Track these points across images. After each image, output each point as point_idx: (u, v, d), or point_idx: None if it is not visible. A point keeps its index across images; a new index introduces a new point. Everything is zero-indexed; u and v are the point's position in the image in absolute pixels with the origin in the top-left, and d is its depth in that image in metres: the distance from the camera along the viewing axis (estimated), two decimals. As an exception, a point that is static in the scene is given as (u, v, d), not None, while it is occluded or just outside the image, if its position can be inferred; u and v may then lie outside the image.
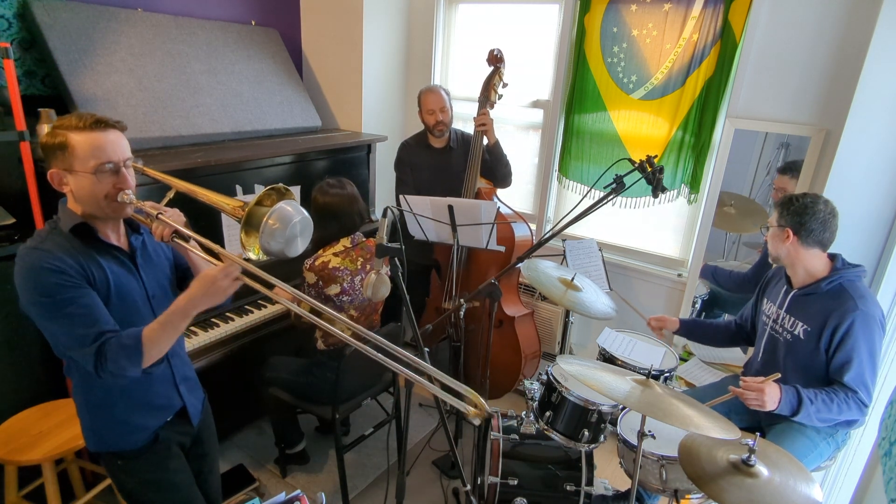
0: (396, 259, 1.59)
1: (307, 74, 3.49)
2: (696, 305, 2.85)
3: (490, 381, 2.42)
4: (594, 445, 1.98)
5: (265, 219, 1.22)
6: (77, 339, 1.26)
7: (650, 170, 1.78)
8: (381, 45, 3.35)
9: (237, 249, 2.41)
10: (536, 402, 2.09)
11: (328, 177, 2.35)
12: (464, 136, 3.00)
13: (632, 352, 2.29)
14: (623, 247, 3.10)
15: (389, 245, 1.56)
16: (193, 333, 2.29)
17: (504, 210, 2.87)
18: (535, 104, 3.21)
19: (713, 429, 1.41)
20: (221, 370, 2.36)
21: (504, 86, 2.82)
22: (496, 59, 2.77)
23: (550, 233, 1.93)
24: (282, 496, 1.38)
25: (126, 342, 1.27)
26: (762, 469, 1.49)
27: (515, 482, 2.02)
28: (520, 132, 3.38)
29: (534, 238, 2.98)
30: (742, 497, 1.43)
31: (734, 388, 1.80)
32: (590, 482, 2.01)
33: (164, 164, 2.16)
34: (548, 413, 2.00)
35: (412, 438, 2.89)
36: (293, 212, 1.26)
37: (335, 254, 2.22)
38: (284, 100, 3.01)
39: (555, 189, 3.26)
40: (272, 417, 2.55)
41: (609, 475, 2.61)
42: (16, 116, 1.89)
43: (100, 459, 1.51)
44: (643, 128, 2.83)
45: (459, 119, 3.31)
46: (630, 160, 1.87)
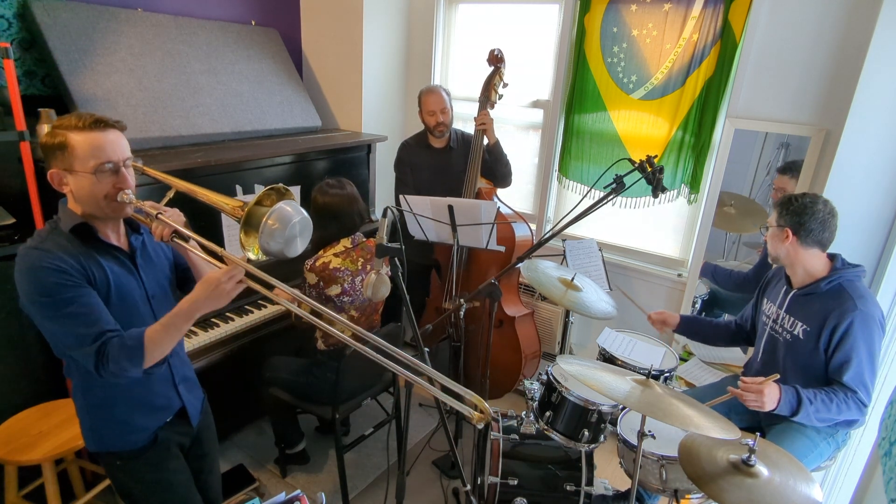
0: (396, 259, 1.59)
1: (307, 74, 3.49)
2: (696, 305, 2.85)
3: (490, 381, 2.42)
4: (594, 445, 1.98)
5: (264, 219, 1.22)
6: (78, 339, 1.26)
7: (650, 170, 1.78)
8: (381, 45, 3.35)
9: (237, 249, 2.41)
10: (536, 402, 2.10)
11: (328, 177, 2.36)
12: (464, 136, 3.00)
13: (632, 352, 2.29)
14: (623, 247, 3.10)
15: (389, 245, 1.57)
16: (193, 333, 2.29)
17: (504, 210, 2.87)
18: (535, 104, 3.21)
19: (713, 429, 1.41)
20: (221, 370, 2.36)
21: (504, 86, 2.82)
22: (496, 59, 2.77)
23: (550, 233, 1.93)
24: (282, 496, 1.38)
25: (128, 342, 1.28)
26: (762, 469, 1.49)
27: (515, 482, 2.03)
28: (520, 132, 3.38)
29: (534, 238, 2.98)
30: (742, 497, 1.43)
31: (732, 389, 1.80)
32: (590, 482, 2.01)
33: (164, 164, 2.16)
34: (548, 413, 2.01)
35: (412, 438, 2.89)
36: (293, 212, 1.26)
37: (336, 254, 2.22)
38: (284, 100, 3.01)
39: (555, 189, 3.26)
40: (272, 417, 2.55)
41: (609, 475, 2.61)
42: (16, 116, 1.89)
43: (99, 460, 1.51)
44: (643, 128, 2.83)
45: (459, 119, 3.31)
46: (630, 160, 1.87)
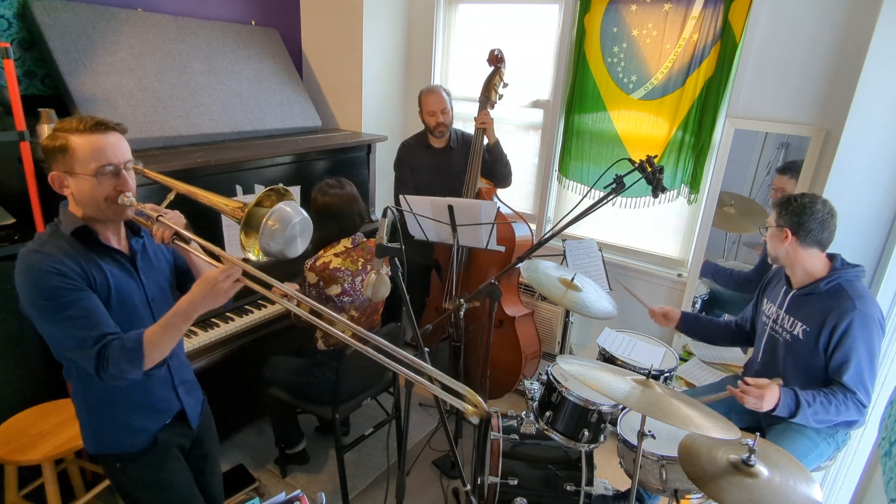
0: (396, 259, 1.59)
1: (307, 74, 3.49)
2: (696, 305, 2.85)
3: (490, 381, 2.42)
4: (594, 445, 1.98)
5: (265, 220, 1.22)
6: (78, 342, 1.26)
7: (650, 170, 1.78)
8: (381, 45, 3.35)
9: (237, 250, 2.41)
10: (536, 402, 2.10)
11: (328, 177, 2.35)
12: (464, 136, 3.00)
13: (632, 352, 2.29)
14: (623, 247, 3.10)
15: (389, 245, 1.56)
16: (193, 333, 2.29)
17: (504, 210, 2.87)
18: (535, 104, 3.21)
19: (713, 429, 1.41)
20: (221, 370, 2.36)
21: (504, 86, 2.82)
22: (496, 59, 2.77)
23: (550, 233, 1.93)
24: (282, 496, 1.39)
25: (127, 345, 1.27)
26: (762, 469, 1.50)
27: (515, 482, 2.03)
28: (520, 132, 3.38)
29: (534, 238, 2.98)
30: (742, 497, 1.43)
31: (732, 389, 1.80)
32: (590, 482, 2.01)
33: (164, 165, 2.16)
34: (548, 413, 2.01)
35: (412, 438, 2.89)
36: (293, 213, 1.26)
37: (336, 254, 2.22)
38: (284, 100, 3.01)
39: (555, 189, 3.26)
40: (272, 417, 2.55)
41: (609, 475, 2.61)
42: (16, 116, 1.89)
43: (99, 462, 1.51)
44: (643, 128, 2.83)
45: (459, 119, 3.31)
46: (630, 160, 1.86)
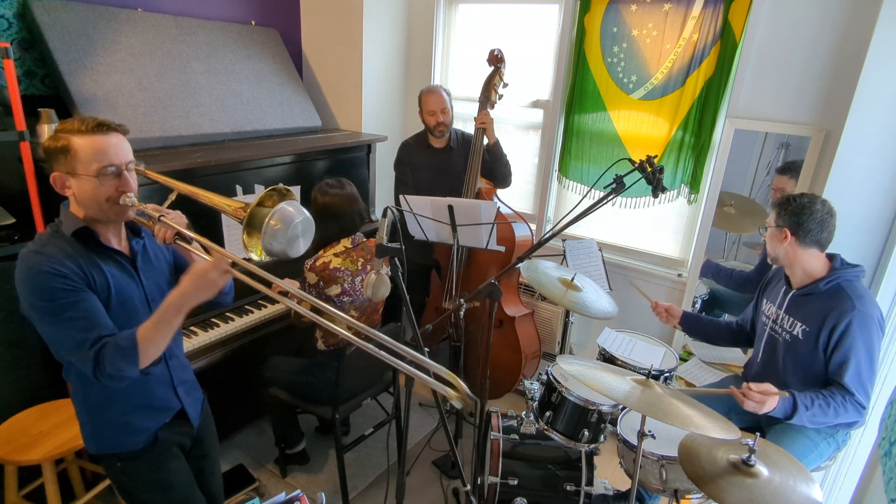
0: (396, 259, 1.59)
1: (307, 74, 3.49)
2: (696, 305, 2.85)
3: (490, 381, 2.42)
4: (594, 445, 1.98)
5: (267, 220, 1.23)
6: (77, 344, 1.26)
7: (650, 170, 1.78)
8: (381, 45, 3.35)
9: (238, 250, 2.42)
10: (536, 402, 2.10)
11: (328, 177, 2.35)
12: (464, 136, 3.00)
13: (632, 352, 2.29)
14: (623, 247, 3.10)
15: (389, 245, 1.57)
16: (193, 333, 2.29)
17: (504, 210, 2.87)
18: (535, 104, 3.21)
19: (713, 429, 1.41)
20: (221, 370, 2.36)
21: (504, 86, 2.82)
22: (496, 59, 2.77)
23: (550, 233, 1.93)
24: (282, 496, 1.39)
25: (121, 343, 1.27)
26: (762, 469, 1.50)
27: (515, 482, 2.03)
28: (520, 132, 3.38)
29: (534, 238, 2.98)
30: (742, 497, 1.43)
31: (735, 390, 1.79)
32: (590, 482, 2.01)
33: (164, 165, 2.16)
34: (548, 413, 2.01)
35: (412, 438, 2.89)
36: (295, 212, 1.26)
37: (336, 254, 2.22)
38: (284, 100, 3.01)
39: (555, 189, 3.26)
40: (272, 417, 2.55)
41: (609, 475, 2.61)
42: (16, 116, 1.89)
43: (100, 461, 1.51)
44: (643, 128, 2.83)
45: (459, 119, 3.31)
46: (630, 160, 1.86)
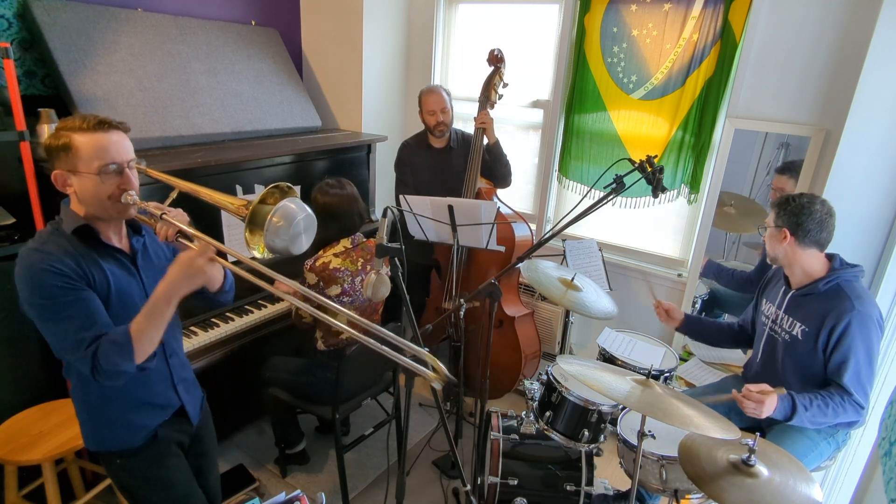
0: (396, 259, 1.59)
1: (307, 74, 3.49)
2: (696, 305, 2.85)
3: (490, 381, 2.42)
4: (594, 445, 1.98)
5: (269, 217, 1.22)
6: (75, 343, 1.26)
7: (650, 170, 1.78)
8: (381, 45, 3.35)
9: (239, 248, 2.41)
10: (536, 402, 2.10)
11: (328, 177, 2.35)
12: (464, 136, 3.00)
13: (632, 352, 2.29)
14: (623, 247, 3.10)
15: (389, 245, 1.57)
16: (193, 333, 2.29)
17: (504, 210, 2.87)
18: (535, 104, 3.21)
19: (713, 429, 1.41)
20: (221, 370, 2.36)
21: (504, 86, 2.82)
22: (496, 59, 2.77)
23: (550, 233, 1.93)
24: (282, 496, 1.39)
25: (115, 338, 1.27)
26: (762, 469, 1.50)
27: (515, 482, 2.03)
28: (520, 132, 3.38)
29: (534, 238, 2.98)
30: (742, 497, 1.43)
31: (736, 394, 1.79)
32: (590, 482, 2.01)
33: (165, 164, 2.16)
34: (548, 413, 2.01)
35: (412, 438, 2.89)
36: (297, 209, 1.26)
37: (336, 254, 2.22)
38: (284, 100, 3.01)
39: (555, 189, 3.26)
40: (272, 417, 2.54)
41: (609, 475, 2.61)
42: (16, 116, 1.89)
43: (99, 459, 1.51)
44: (643, 128, 2.83)
45: (459, 119, 3.31)
46: (630, 160, 1.86)
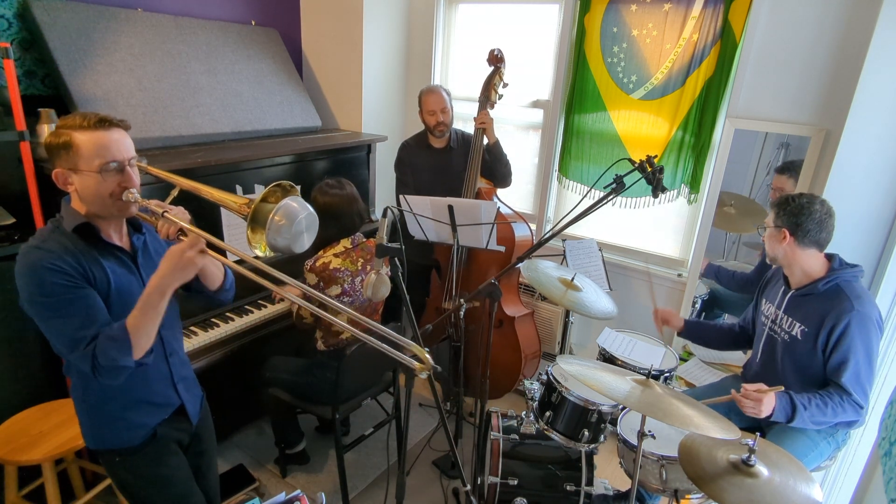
0: (396, 259, 1.59)
1: (307, 74, 3.49)
2: (696, 305, 2.85)
3: (490, 381, 2.42)
4: (594, 445, 1.98)
5: (271, 215, 1.22)
6: (75, 342, 1.26)
7: (650, 170, 1.78)
8: (381, 45, 3.35)
9: (240, 247, 2.41)
10: (536, 402, 2.10)
11: (328, 177, 2.35)
12: (464, 137, 3.00)
13: (632, 352, 2.29)
14: (623, 247, 3.10)
15: (389, 245, 1.57)
16: (193, 333, 2.29)
17: (504, 210, 2.87)
18: (535, 104, 3.21)
19: (713, 429, 1.41)
20: (221, 370, 2.36)
21: (504, 86, 2.82)
22: (496, 59, 2.77)
23: (550, 233, 1.93)
24: (282, 496, 1.38)
25: (112, 334, 1.27)
26: (762, 469, 1.49)
27: (515, 482, 2.03)
28: (520, 132, 3.38)
29: (534, 238, 2.98)
30: (742, 497, 1.43)
31: (735, 394, 1.80)
32: (590, 482, 2.01)
33: (165, 164, 2.16)
34: (548, 413, 2.01)
35: (412, 438, 2.89)
36: (299, 208, 1.26)
37: (336, 255, 2.22)
38: (284, 100, 3.01)
39: (555, 189, 3.26)
40: (272, 417, 2.54)
41: (609, 475, 2.61)
42: (16, 116, 1.89)
43: (99, 457, 1.51)
44: (643, 128, 2.83)
45: (459, 119, 3.31)
46: (630, 160, 1.86)
